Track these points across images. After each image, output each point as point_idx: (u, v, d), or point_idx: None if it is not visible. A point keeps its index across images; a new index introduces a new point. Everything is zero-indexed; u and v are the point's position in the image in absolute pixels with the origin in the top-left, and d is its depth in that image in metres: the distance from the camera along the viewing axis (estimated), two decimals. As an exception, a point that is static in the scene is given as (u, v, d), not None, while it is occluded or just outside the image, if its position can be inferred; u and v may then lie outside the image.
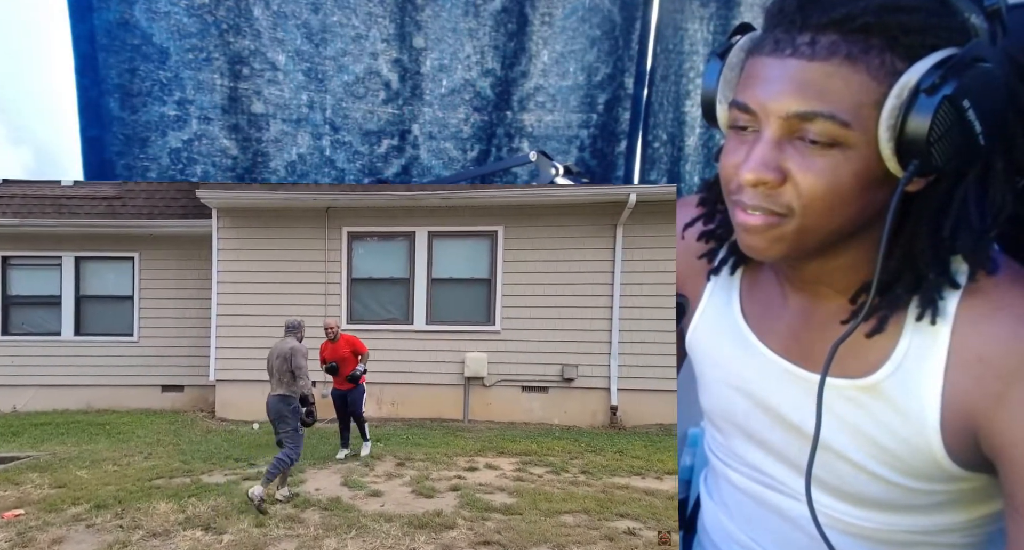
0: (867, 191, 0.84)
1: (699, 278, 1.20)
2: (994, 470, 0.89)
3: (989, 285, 0.88)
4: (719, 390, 1.17)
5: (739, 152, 0.88)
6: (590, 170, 2.57)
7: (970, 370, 0.87)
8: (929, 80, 0.77)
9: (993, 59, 0.79)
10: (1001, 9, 0.82)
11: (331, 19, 2.12)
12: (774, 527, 1.15)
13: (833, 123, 0.80)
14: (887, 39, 0.79)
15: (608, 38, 2.46)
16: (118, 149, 1.99)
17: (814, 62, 0.81)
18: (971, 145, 0.80)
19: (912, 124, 0.79)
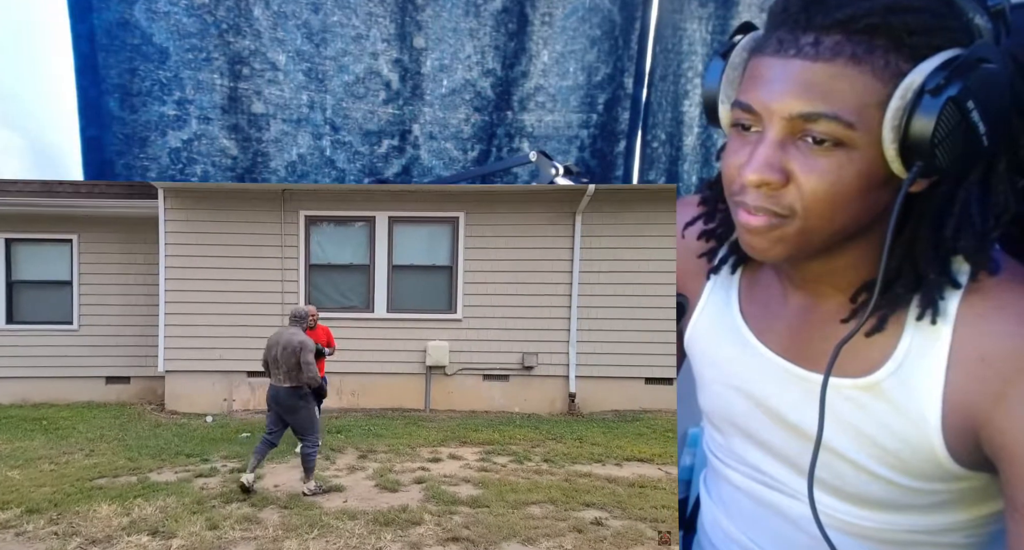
0: (870, 192, 0.84)
1: (699, 277, 1.20)
2: (995, 469, 0.89)
3: (990, 285, 0.88)
4: (718, 390, 1.16)
5: (742, 153, 0.87)
6: (590, 170, 2.58)
7: (971, 369, 0.87)
8: (934, 81, 0.77)
9: (997, 60, 0.78)
10: (1005, 9, 0.82)
11: (331, 19, 2.12)
12: (774, 527, 1.14)
13: (837, 124, 0.80)
14: (892, 40, 0.79)
15: (608, 38, 2.46)
16: (118, 149, 1.99)
17: (818, 63, 0.80)
18: (975, 146, 0.79)
19: (916, 125, 0.78)
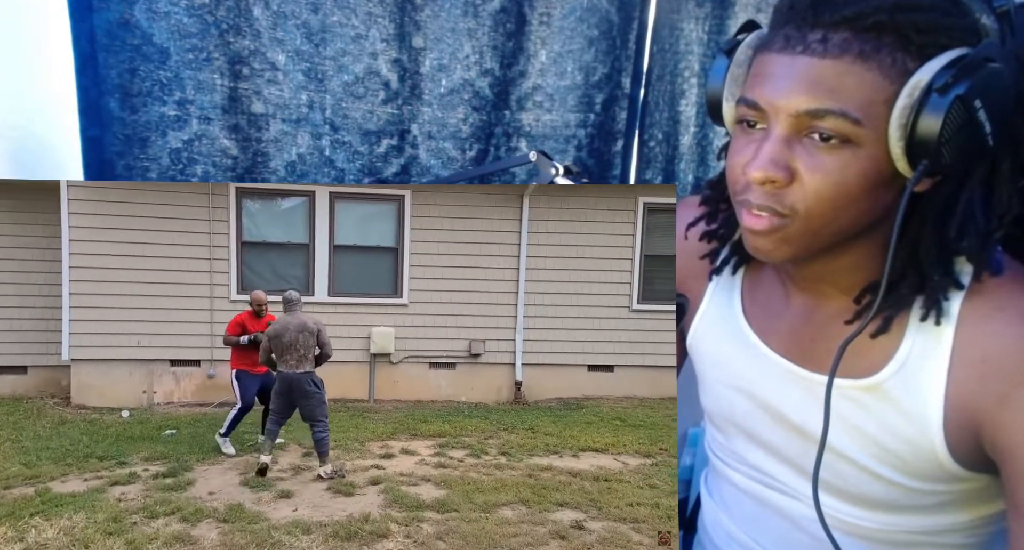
0: (874, 191, 0.84)
1: (701, 278, 1.20)
2: (996, 470, 0.89)
3: (993, 285, 0.88)
4: (720, 390, 1.17)
5: (746, 151, 0.87)
6: (587, 169, 2.58)
7: (974, 370, 0.87)
8: (942, 79, 0.77)
9: (1002, 60, 0.79)
10: (1011, 11, 0.82)
11: (331, 19, 2.12)
12: (775, 527, 1.15)
13: (844, 120, 0.80)
14: (899, 38, 0.79)
15: (606, 38, 2.47)
16: (118, 149, 1.99)
17: (826, 60, 0.80)
18: (981, 145, 0.80)
19: (924, 123, 0.78)
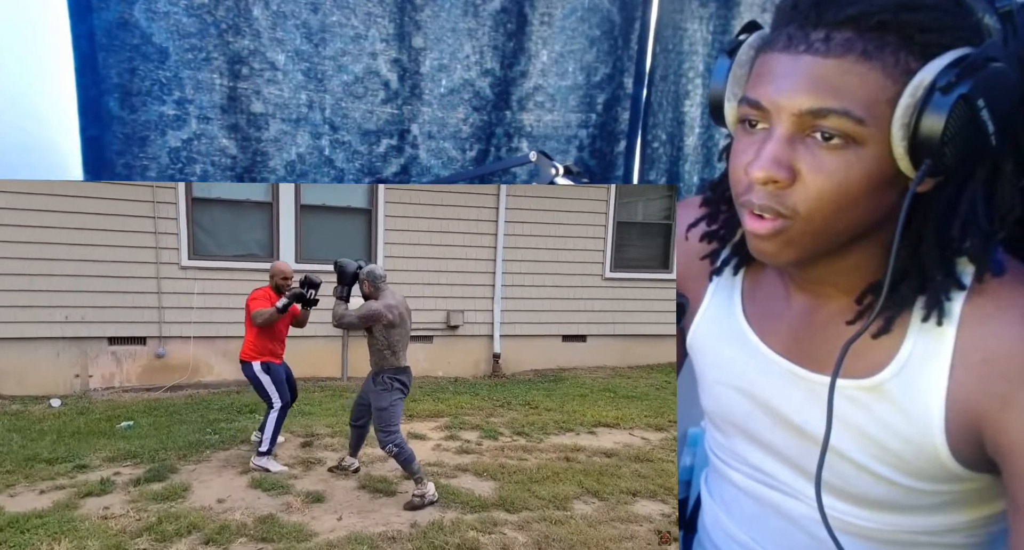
0: (876, 192, 0.84)
1: (701, 279, 1.20)
2: (998, 470, 0.89)
3: (994, 286, 0.88)
4: (720, 391, 1.16)
5: (748, 151, 0.87)
6: (589, 170, 2.57)
7: (975, 371, 0.87)
8: (945, 79, 0.77)
9: (1005, 60, 0.78)
10: (1014, 11, 0.82)
11: (330, 19, 2.12)
12: (775, 527, 1.14)
13: (847, 119, 0.80)
14: (902, 37, 0.79)
15: (607, 38, 2.46)
16: (118, 148, 1.99)
17: (829, 59, 0.80)
18: (983, 145, 0.79)
19: (927, 122, 0.78)
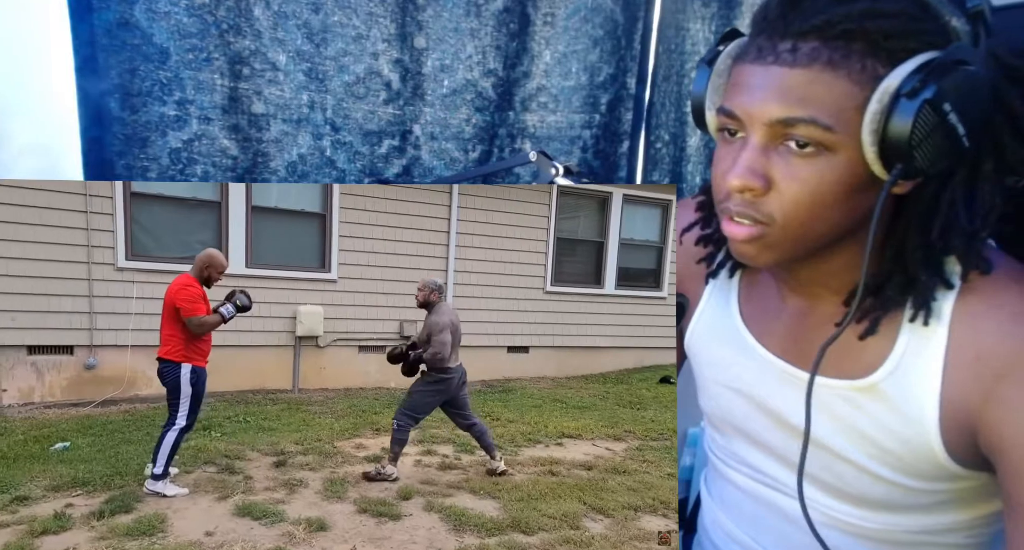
0: (854, 195, 0.85)
1: (698, 280, 1.22)
2: (993, 469, 0.88)
3: (985, 283, 0.88)
4: (718, 392, 1.17)
5: (727, 160, 0.89)
6: (592, 170, 2.57)
7: (968, 368, 0.87)
8: (909, 84, 0.78)
9: (976, 61, 0.79)
10: (984, 11, 0.82)
11: (332, 19, 2.12)
12: (775, 527, 1.15)
13: (816, 127, 0.81)
14: (868, 44, 0.80)
15: (610, 38, 2.46)
16: (118, 149, 1.99)
17: (795, 69, 0.81)
18: (955, 147, 0.80)
19: (894, 128, 0.79)
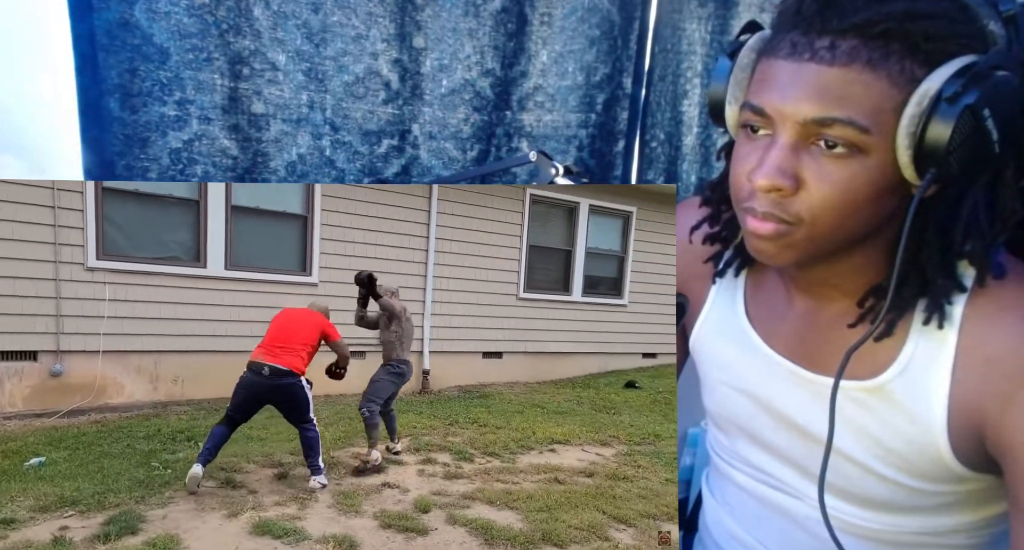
0: (880, 198, 0.84)
1: (703, 280, 1.20)
2: (1000, 471, 0.89)
3: (996, 288, 0.88)
4: (723, 392, 1.17)
5: (751, 158, 0.87)
6: (589, 170, 2.58)
7: (977, 371, 0.87)
8: (951, 88, 0.77)
9: (1010, 67, 0.78)
10: (1017, 15, 0.81)
11: (331, 19, 2.12)
12: (778, 527, 1.15)
13: (852, 129, 0.79)
14: (908, 45, 0.79)
15: (607, 38, 2.46)
16: (118, 149, 1.99)
17: (834, 68, 0.79)
18: (987, 153, 0.79)
19: (933, 132, 0.78)
